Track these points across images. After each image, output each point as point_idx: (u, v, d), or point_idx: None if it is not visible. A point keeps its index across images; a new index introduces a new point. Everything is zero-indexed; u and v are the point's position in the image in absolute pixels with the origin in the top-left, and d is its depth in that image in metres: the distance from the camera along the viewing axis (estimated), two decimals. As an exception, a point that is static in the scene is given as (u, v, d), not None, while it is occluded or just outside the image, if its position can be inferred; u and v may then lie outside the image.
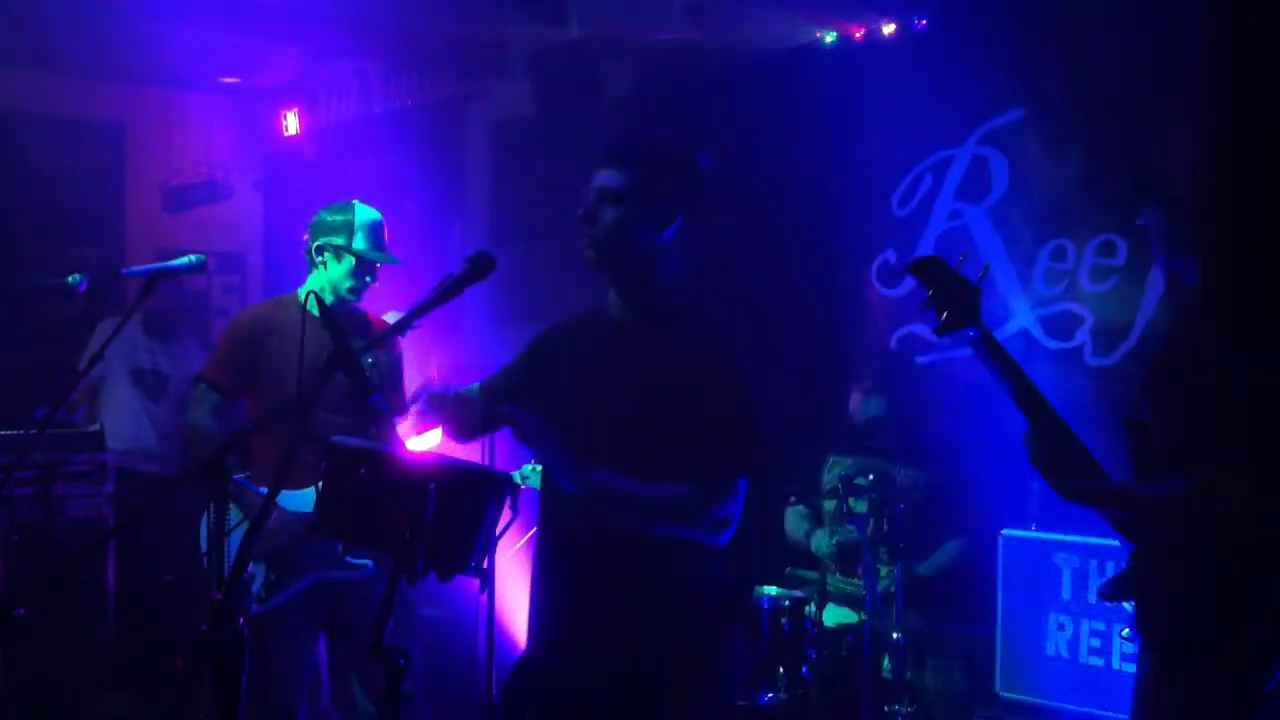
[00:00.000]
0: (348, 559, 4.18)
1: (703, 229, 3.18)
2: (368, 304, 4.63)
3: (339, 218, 4.45)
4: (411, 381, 4.97)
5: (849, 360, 6.23)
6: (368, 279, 4.47)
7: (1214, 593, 2.98)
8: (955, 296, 3.05)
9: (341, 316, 4.32)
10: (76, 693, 5.68)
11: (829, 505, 5.52)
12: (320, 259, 4.45)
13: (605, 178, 3.07)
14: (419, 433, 4.23)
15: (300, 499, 4.06)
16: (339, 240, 4.41)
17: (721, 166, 3.20)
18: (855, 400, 5.71)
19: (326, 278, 4.45)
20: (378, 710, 4.43)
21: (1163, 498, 3.04)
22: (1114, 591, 3.23)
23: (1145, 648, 3.17)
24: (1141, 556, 3.17)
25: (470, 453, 4.32)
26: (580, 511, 2.94)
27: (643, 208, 3.04)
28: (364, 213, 4.47)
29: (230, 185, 9.17)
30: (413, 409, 3.18)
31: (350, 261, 4.42)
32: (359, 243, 4.42)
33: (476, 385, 3.34)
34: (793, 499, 5.71)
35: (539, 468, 3.58)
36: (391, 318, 4.80)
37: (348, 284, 4.43)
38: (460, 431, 3.20)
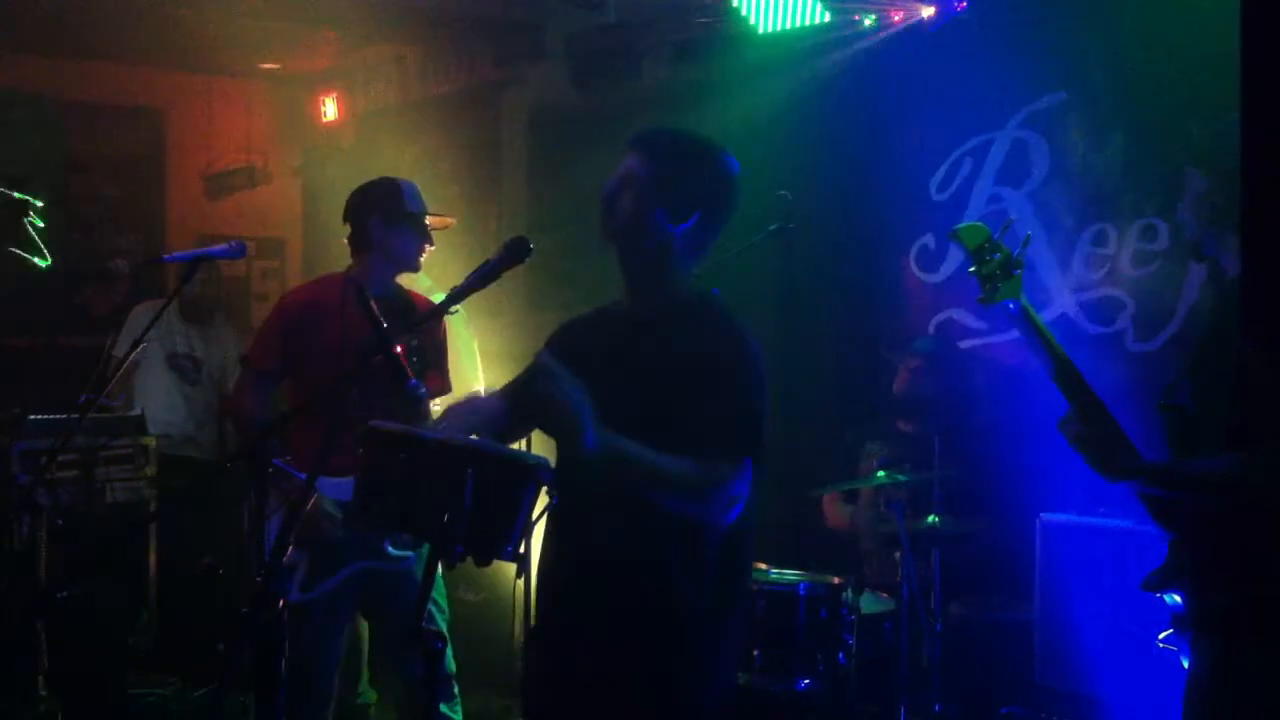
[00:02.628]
0: (390, 550, 4.19)
1: (726, 233, 3.17)
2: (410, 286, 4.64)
3: (381, 189, 4.42)
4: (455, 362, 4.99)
5: (888, 345, 6.20)
6: (425, 242, 4.43)
7: (1268, 578, 2.94)
8: (997, 267, 3.03)
9: (387, 301, 4.33)
10: (118, 675, 5.73)
11: (867, 490, 5.50)
12: (376, 235, 4.39)
13: (631, 162, 3.09)
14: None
15: (343, 487, 4.06)
16: (392, 207, 4.38)
17: (747, 155, 3.19)
18: (901, 379, 5.67)
19: (383, 252, 4.40)
20: (412, 692, 4.46)
21: (1210, 475, 3.00)
22: (1157, 583, 3.20)
23: (1198, 642, 3.12)
24: (1186, 548, 3.13)
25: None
26: (593, 474, 2.92)
27: (661, 196, 3.05)
28: (406, 183, 4.46)
29: (270, 171, 9.23)
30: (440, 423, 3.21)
31: (407, 227, 4.38)
32: (412, 206, 4.39)
33: (497, 392, 3.36)
34: (829, 486, 5.69)
35: None
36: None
37: (413, 250, 4.40)
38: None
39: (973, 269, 3.08)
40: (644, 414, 2.95)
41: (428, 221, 4.48)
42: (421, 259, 4.45)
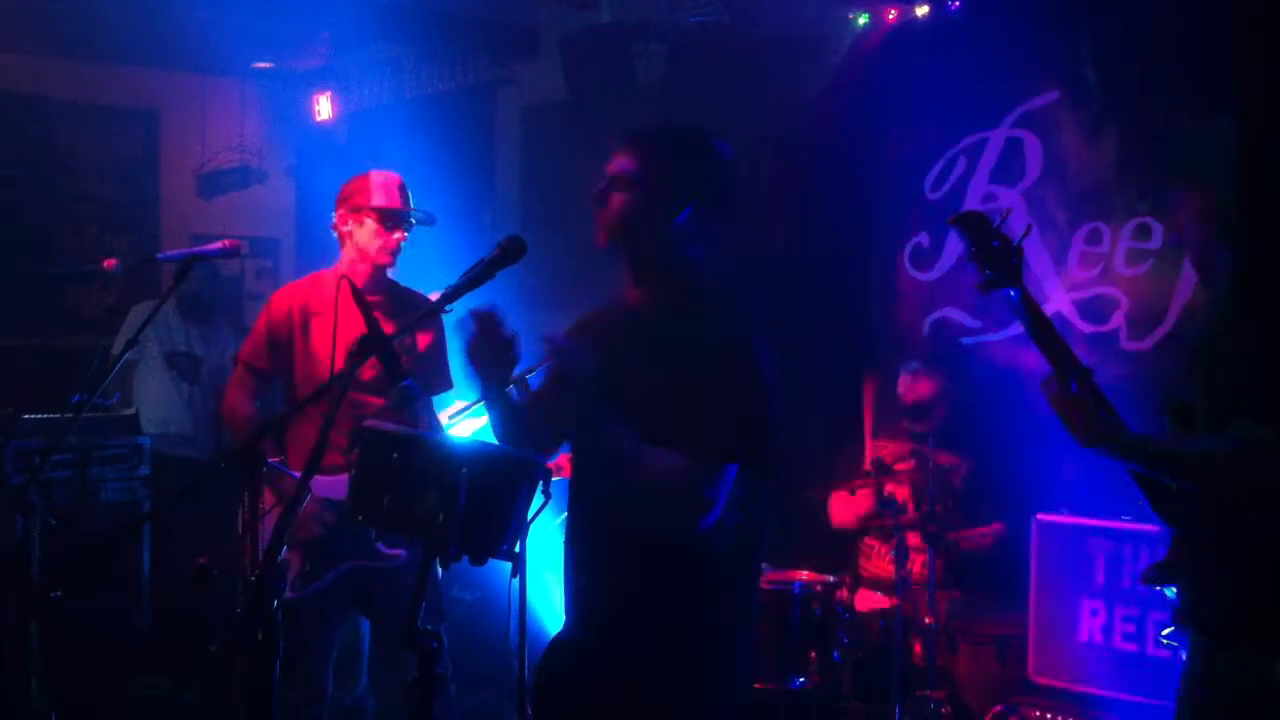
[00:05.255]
0: (381, 549, 4.18)
1: (730, 217, 3.15)
2: (410, 281, 4.61)
3: (355, 183, 4.41)
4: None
5: (882, 345, 6.20)
6: (395, 236, 4.38)
7: (1264, 579, 2.93)
8: (997, 254, 3.01)
9: (389, 296, 4.31)
10: (111, 675, 5.71)
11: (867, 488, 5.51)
12: (346, 229, 4.40)
13: (616, 163, 3.07)
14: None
15: (335, 486, 4.06)
16: (358, 202, 4.36)
17: (742, 155, 3.17)
18: (904, 382, 5.67)
19: (355, 247, 4.39)
20: (406, 694, 4.44)
21: (1186, 452, 2.98)
22: (1157, 576, 3.19)
23: (1193, 638, 3.11)
24: (1185, 543, 3.13)
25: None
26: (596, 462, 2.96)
27: (651, 193, 3.01)
28: (379, 175, 4.42)
29: (263, 170, 9.21)
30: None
31: (371, 222, 4.36)
32: (376, 200, 4.36)
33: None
34: (838, 484, 5.69)
35: None
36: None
37: (376, 244, 4.35)
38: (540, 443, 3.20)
39: (970, 255, 3.06)
40: (645, 410, 2.94)
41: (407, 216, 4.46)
42: (389, 252, 4.40)
